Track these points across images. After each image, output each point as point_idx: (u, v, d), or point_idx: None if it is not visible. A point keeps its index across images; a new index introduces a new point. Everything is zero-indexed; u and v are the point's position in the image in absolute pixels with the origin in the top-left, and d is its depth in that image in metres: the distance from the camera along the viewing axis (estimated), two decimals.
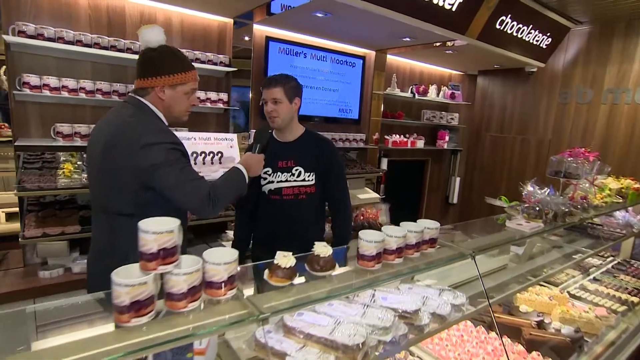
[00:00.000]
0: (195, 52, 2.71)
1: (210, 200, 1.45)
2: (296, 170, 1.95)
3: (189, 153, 2.68)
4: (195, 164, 2.63)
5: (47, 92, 2.28)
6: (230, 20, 2.85)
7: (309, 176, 1.95)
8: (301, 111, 3.13)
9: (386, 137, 3.99)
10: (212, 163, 2.72)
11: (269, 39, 3.02)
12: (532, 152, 4.34)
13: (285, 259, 1.19)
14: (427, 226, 1.40)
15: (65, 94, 2.33)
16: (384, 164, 4.03)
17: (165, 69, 1.44)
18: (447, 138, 4.60)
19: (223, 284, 0.94)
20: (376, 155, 3.96)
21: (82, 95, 2.37)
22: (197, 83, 1.54)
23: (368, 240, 1.23)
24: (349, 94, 3.59)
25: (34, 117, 2.37)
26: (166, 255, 0.89)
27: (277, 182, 1.94)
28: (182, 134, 2.61)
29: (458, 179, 5.01)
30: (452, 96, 4.42)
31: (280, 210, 1.93)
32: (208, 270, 0.94)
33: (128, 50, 2.47)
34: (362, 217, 3.44)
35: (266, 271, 1.18)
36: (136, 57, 2.44)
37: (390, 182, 4.09)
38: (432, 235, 1.40)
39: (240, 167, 1.59)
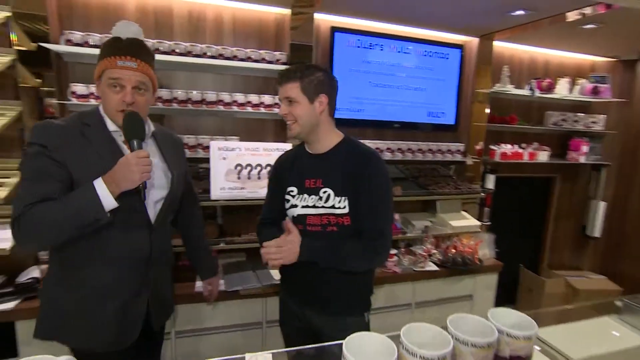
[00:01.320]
0: (246, 50, 2.36)
1: (17, 222, 1.09)
2: (324, 192, 1.42)
3: (233, 166, 2.35)
4: (238, 178, 2.26)
5: (92, 101, 2.17)
6: (289, 11, 2.44)
7: (340, 202, 1.40)
8: (375, 116, 2.55)
9: (493, 147, 3.08)
10: (258, 178, 2.31)
11: (334, 29, 2.52)
12: None
13: None
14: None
15: None
16: (490, 182, 3.12)
17: (98, 59, 1.19)
18: (584, 149, 3.40)
19: None
20: (479, 171, 3.08)
21: None
22: (122, 72, 1.17)
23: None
24: (442, 94, 2.85)
25: None
26: None
27: (302, 206, 1.45)
28: (226, 144, 2.26)
29: (602, 204, 3.69)
30: (595, 91, 3.25)
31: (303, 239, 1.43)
32: None
33: (173, 52, 2.23)
34: (454, 250, 2.64)
35: None
36: (180, 59, 2.22)
37: (499, 206, 3.15)
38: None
39: (98, 181, 1.12)
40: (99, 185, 1.11)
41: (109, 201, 1.11)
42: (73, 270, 1.23)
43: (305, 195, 1.46)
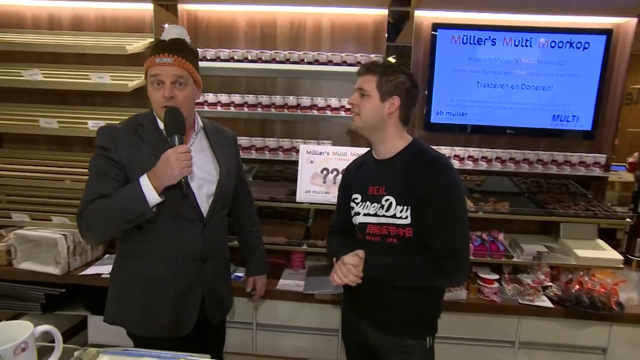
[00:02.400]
0: (341, 54, 2.35)
1: (79, 219, 1.24)
2: (386, 200, 1.33)
3: (319, 169, 2.39)
4: (324, 182, 2.28)
5: (206, 108, 2.48)
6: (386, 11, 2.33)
7: (401, 211, 1.29)
8: (481, 120, 2.31)
9: None
10: None
11: (436, 26, 2.30)
12: None
13: None
14: None
15: (219, 108, 2.47)
16: None
17: None
18: None
19: None
20: (630, 190, 2.42)
21: (232, 108, 2.46)
22: (160, 69, 1.24)
23: None
24: (574, 93, 2.33)
25: None
26: None
27: (364, 214, 1.39)
28: (315, 147, 2.31)
29: None
30: None
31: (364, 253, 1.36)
32: None
33: (273, 60, 2.39)
34: (578, 287, 2.14)
35: None
36: (279, 66, 2.35)
37: None
38: None
39: (143, 177, 1.18)
40: (144, 181, 1.18)
41: (152, 196, 1.17)
42: (131, 262, 1.35)
43: (368, 203, 1.39)
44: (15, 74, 2.31)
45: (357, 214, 1.42)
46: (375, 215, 1.35)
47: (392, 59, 2.28)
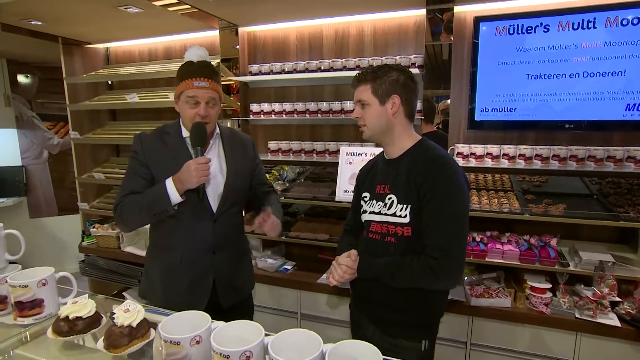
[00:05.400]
0: (382, 58, 2.42)
1: (115, 212, 1.45)
2: (389, 199, 1.39)
3: (357, 170, 2.49)
4: None
5: (262, 116, 2.79)
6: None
7: (401, 210, 1.34)
8: (533, 115, 2.24)
9: None
10: None
11: (479, 20, 2.19)
12: None
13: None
14: None
15: (273, 116, 2.75)
16: None
17: (176, 81, 1.49)
18: None
19: None
20: None
21: (284, 116, 2.71)
22: (197, 91, 1.44)
23: None
24: None
25: (259, 137, 2.95)
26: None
27: (369, 212, 1.46)
28: (354, 149, 2.43)
29: None
30: None
31: (363, 252, 1.44)
32: None
33: (319, 69, 2.57)
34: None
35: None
36: (326, 74, 2.53)
37: None
38: None
39: (168, 180, 1.40)
40: (169, 183, 1.39)
41: (175, 196, 1.39)
42: (157, 249, 1.59)
43: (374, 201, 1.44)
44: (121, 98, 2.95)
45: (365, 212, 1.48)
46: (379, 213, 1.40)
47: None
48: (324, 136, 2.77)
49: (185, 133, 1.52)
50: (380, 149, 2.27)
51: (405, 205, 1.32)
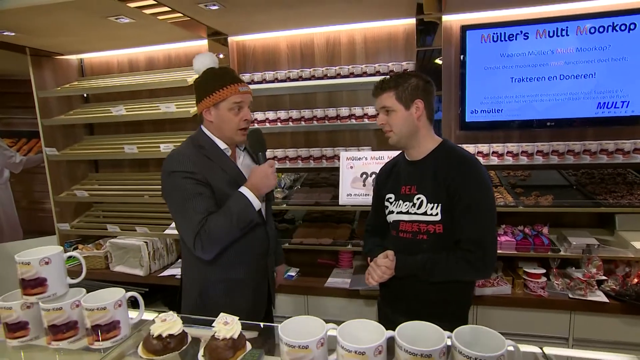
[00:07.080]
0: (375, 65, 2.52)
1: (198, 237, 1.31)
2: (418, 199, 1.45)
3: (359, 174, 2.55)
4: (364, 185, 2.44)
5: (256, 125, 2.79)
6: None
7: (432, 208, 1.42)
8: (518, 115, 2.36)
9: None
10: None
11: (465, 28, 2.36)
12: None
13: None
14: None
15: (267, 124, 2.76)
16: None
17: (205, 90, 1.45)
18: None
19: None
20: None
21: (278, 124, 2.73)
22: (243, 96, 1.43)
23: None
24: (621, 77, 2.22)
25: None
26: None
27: (397, 212, 1.52)
28: (354, 154, 2.50)
29: None
30: None
31: (395, 251, 1.49)
32: None
33: (312, 77, 2.62)
34: (637, 281, 2.04)
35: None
36: (320, 82, 2.57)
37: None
38: None
39: (244, 189, 1.36)
40: (248, 193, 1.36)
41: (257, 203, 1.38)
42: (214, 267, 1.46)
43: (401, 202, 1.51)
44: (106, 111, 2.82)
45: (391, 212, 1.55)
46: (407, 213, 1.47)
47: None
48: (320, 142, 2.82)
49: (222, 144, 1.48)
50: (380, 153, 2.43)
51: (435, 204, 1.40)
